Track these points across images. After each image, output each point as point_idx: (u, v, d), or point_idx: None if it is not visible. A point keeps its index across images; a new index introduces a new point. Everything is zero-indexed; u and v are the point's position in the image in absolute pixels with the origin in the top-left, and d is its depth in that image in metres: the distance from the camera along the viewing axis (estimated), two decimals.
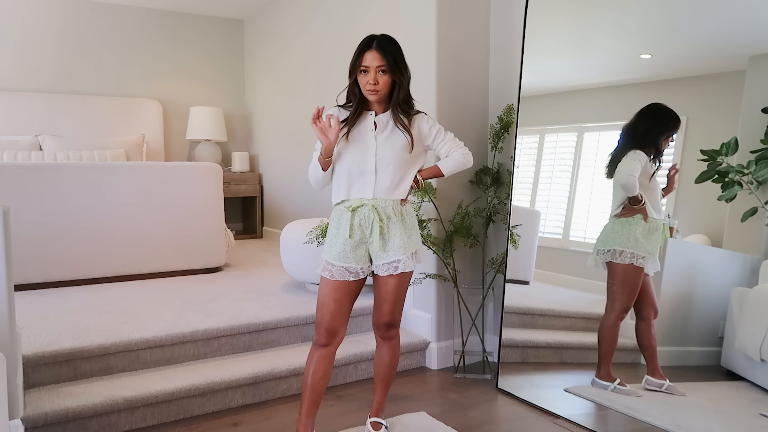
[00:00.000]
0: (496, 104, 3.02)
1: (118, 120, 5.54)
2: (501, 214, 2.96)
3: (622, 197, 2.24)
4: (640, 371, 2.27)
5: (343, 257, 1.92)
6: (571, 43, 2.66)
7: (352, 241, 1.91)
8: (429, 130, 1.99)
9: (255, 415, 2.38)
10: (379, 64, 1.86)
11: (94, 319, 2.72)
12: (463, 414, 2.41)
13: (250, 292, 3.30)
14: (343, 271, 1.92)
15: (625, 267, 2.24)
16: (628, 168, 2.20)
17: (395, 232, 1.92)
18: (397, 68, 1.89)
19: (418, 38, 3.02)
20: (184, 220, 3.77)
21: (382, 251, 1.92)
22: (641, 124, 2.21)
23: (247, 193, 5.81)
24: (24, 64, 5.26)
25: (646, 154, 2.18)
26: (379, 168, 1.92)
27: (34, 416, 2.03)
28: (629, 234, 2.21)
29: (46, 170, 3.40)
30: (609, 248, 2.27)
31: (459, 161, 2.03)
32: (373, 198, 1.91)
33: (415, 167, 2.00)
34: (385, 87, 1.89)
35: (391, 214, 1.93)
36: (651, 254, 2.19)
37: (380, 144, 1.92)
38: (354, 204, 1.92)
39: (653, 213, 2.17)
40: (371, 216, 1.90)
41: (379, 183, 1.91)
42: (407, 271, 1.95)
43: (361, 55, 1.88)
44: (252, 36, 6.08)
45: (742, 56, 2.04)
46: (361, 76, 1.89)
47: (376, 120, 1.95)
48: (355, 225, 1.91)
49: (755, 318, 2.00)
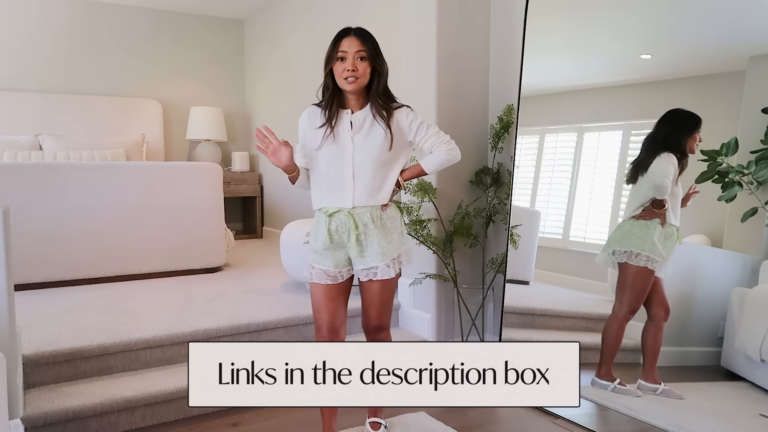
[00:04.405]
0: (496, 104, 3.02)
1: (118, 120, 5.53)
2: (501, 214, 2.96)
3: (643, 199, 2.21)
4: (640, 371, 2.27)
5: (321, 260, 1.88)
6: (572, 43, 2.66)
7: (330, 245, 1.86)
8: (410, 125, 1.86)
9: (255, 415, 2.38)
10: (359, 49, 1.76)
11: (94, 319, 2.72)
12: (463, 414, 2.41)
13: (250, 292, 3.30)
14: (322, 274, 1.88)
15: (638, 269, 2.23)
16: (663, 170, 2.17)
17: (373, 238, 1.84)
18: (378, 56, 1.80)
19: (418, 38, 3.02)
20: (184, 220, 3.77)
21: (360, 257, 1.86)
22: (661, 131, 2.20)
23: (247, 193, 5.81)
24: (24, 64, 5.26)
25: (675, 158, 2.15)
26: (357, 174, 1.82)
27: (34, 416, 2.03)
28: (647, 237, 2.20)
29: (46, 170, 3.40)
30: (626, 249, 2.26)
31: (443, 158, 1.90)
32: (353, 207, 1.83)
33: (398, 167, 1.89)
34: (364, 75, 1.78)
35: (368, 220, 1.84)
36: (665, 259, 2.19)
37: (357, 147, 1.82)
38: (331, 209, 1.85)
39: (671, 218, 2.17)
40: (347, 223, 1.83)
41: (358, 190, 1.83)
42: (387, 278, 1.87)
43: (338, 42, 1.78)
44: (252, 36, 6.08)
45: (742, 56, 2.05)
46: (338, 64, 1.78)
47: (352, 119, 1.84)
48: (332, 230, 1.85)
49: (755, 318, 2.00)
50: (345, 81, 1.77)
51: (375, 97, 1.82)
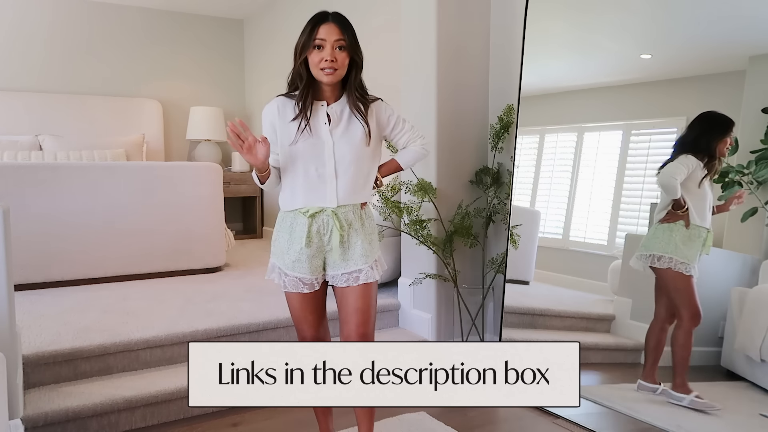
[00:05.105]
0: (496, 104, 3.02)
1: (118, 120, 5.53)
2: (501, 214, 2.96)
3: (667, 201, 2.21)
4: (640, 371, 2.27)
5: (297, 266, 1.71)
6: (572, 44, 2.66)
7: (308, 250, 1.70)
8: (388, 119, 1.78)
9: (255, 415, 2.38)
10: (338, 37, 1.63)
11: (94, 319, 2.72)
12: (463, 414, 2.41)
13: (250, 292, 3.30)
14: (297, 282, 1.73)
15: (668, 272, 2.21)
16: (671, 170, 2.18)
17: (356, 239, 1.72)
18: (356, 45, 1.68)
19: (418, 38, 3.02)
20: (184, 220, 3.77)
21: (342, 260, 1.72)
22: (691, 133, 2.17)
23: (247, 193, 5.81)
24: (24, 64, 5.26)
25: (698, 160, 2.12)
26: (340, 170, 1.69)
27: (34, 416, 2.03)
28: (669, 239, 2.19)
29: (46, 170, 3.40)
30: (650, 253, 2.25)
31: (419, 153, 1.85)
32: (337, 206, 1.69)
33: (376, 162, 1.78)
34: (343, 66, 1.65)
35: (353, 219, 1.72)
36: (690, 261, 2.16)
37: (337, 141, 1.69)
38: (312, 210, 1.69)
39: (696, 220, 2.14)
40: (331, 223, 1.69)
41: (342, 187, 1.69)
42: (370, 281, 1.74)
43: (315, 28, 1.65)
44: (252, 36, 6.08)
45: (742, 56, 2.05)
46: (314, 53, 1.64)
47: (329, 111, 1.70)
48: (313, 232, 1.70)
49: (755, 318, 2.00)
50: (322, 72, 1.64)
51: (352, 90, 1.71)
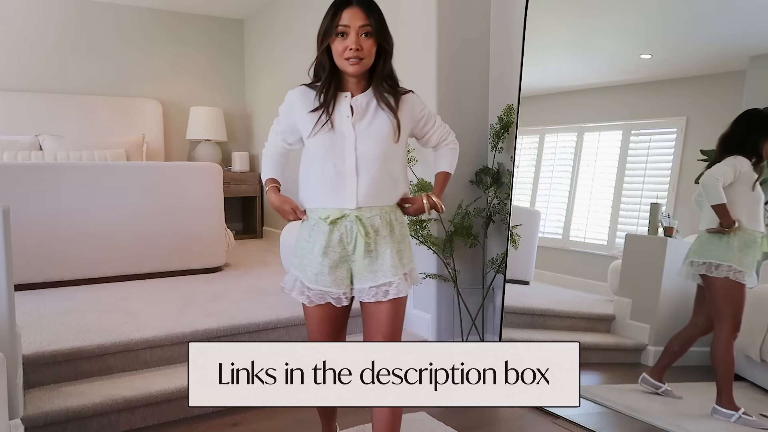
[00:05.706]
0: (496, 104, 3.02)
1: (118, 120, 5.53)
2: (501, 214, 2.96)
3: (714, 216, 2.03)
4: (640, 371, 2.27)
5: (320, 279, 1.56)
6: (572, 43, 2.66)
7: (329, 261, 1.54)
8: (420, 113, 1.65)
9: (255, 415, 2.38)
10: (363, 23, 1.47)
11: (94, 319, 2.72)
12: (463, 414, 2.41)
13: (250, 292, 3.30)
14: (323, 295, 1.57)
15: (724, 282, 2.04)
16: (715, 171, 2.02)
17: (384, 248, 1.54)
18: (385, 31, 1.52)
19: (418, 38, 3.02)
20: (184, 220, 3.77)
21: (369, 272, 1.55)
22: (737, 132, 2.02)
23: (247, 193, 5.81)
24: (24, 64, 5.26)
25: (747, 161, 1.99)
26: (361, 167, 1.53)
27: (34, 416, 2.03)
28: (727, 246, 2.03)
29: (46, 170, 3.40)
30: (705, 261, 2.08)
31: (456, 151, 1.74)
32: (357, 207, 1.53)
33: (403, 161, 1.63)
34: (369, 54, 1.50)
35: (380, 225, 1.55)
36: (748, 268, 2.01)
37: (360, 135, 1.53)
38: (333, 215, 1.53)
39: (750, 224, 2.00)
40: (355, 230, 1.53)
41: (363, 186, 1.53)
42: (401, 296, 1.56)
43: (338, 13, 1.48)
44: (252, 36, 6.08)
45: (742, 56, 2.05)
46: (338, 41, 1.49)
47: (352, 103, 1.55)
48: (335, 241, 1.54)
49: (755, 318, 2.00)
50: (347, 62, 1.50)
51: (379, 80, 1.55)
